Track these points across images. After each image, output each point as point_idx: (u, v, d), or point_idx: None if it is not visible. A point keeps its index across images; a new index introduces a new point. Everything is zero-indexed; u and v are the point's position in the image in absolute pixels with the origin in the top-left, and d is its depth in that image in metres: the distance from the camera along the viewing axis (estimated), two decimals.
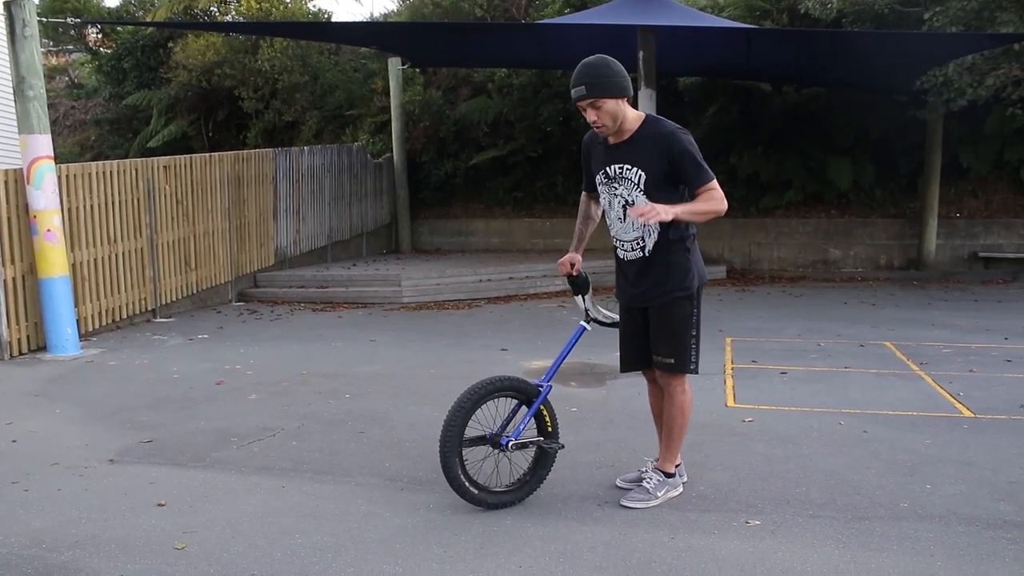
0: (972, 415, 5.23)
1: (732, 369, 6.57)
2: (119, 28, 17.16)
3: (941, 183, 12.78)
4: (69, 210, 7.97)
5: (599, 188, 3.82)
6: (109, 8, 18.33)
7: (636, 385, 6.08)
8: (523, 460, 3.93)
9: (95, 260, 8.37)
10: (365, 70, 15.92)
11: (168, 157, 9.90)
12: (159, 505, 3.89)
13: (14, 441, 4.95)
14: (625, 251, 3.80)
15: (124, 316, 8.81)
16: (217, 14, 17.35)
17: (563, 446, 3.94)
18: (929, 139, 12.62)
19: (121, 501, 3.95)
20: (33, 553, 3.39)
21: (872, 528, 3.56)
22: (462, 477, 3.66)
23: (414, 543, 3.45)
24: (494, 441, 3.76)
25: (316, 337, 8.25)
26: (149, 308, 9.22)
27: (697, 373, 3.81)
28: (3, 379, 6.62)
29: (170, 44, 16.42)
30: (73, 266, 7.94)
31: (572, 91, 3.60)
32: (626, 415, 5.31)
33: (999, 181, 13.24)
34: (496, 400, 3.78)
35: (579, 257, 3.96)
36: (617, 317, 4.01)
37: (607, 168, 3.72)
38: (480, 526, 3.60)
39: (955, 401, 5.55)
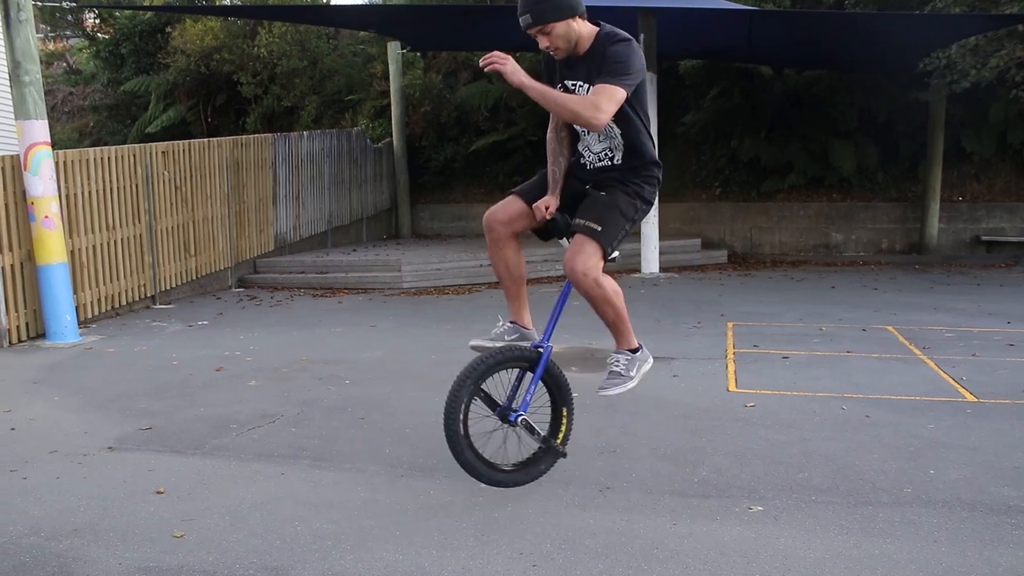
0: (975, 399, 5.21)
1: (734, 354, 6.54)
2: (117, 13, 17.05)
3: (943, 167, 12.73)
4: (67, 196, 7.93)
5: None
6: None
7: None
8: (528, 446, 3.76)
9: (94, 247, 8.33)
10: (364, 54, 15.84)
11: (167, 143, 9.85)
12: (158, 492, 3.87)
13: (13, 429, 4.93)
14: (593, 164, 3.63)
15: (123, 303, 8.79)
16: None
17: (565, 455, 3.76)
18: (932, 122, 12.56)
19: (120, 489, 3.93)
20: (32, 541, 3.37)
21: (875, 513, 3.53)
22: (470, 454, 3.50)
23: (414, 530, 3.43)
24: (503, 415, 3.62)
25: (316, 323, 8.22)
26: (148, 295, 9.20)
27: (614, 261, 3.57)
28: (2, 366, 6.60)
29: (168, 29, 16.32)
30: (71, 253, 7.90)
31: (520, 20, 3.43)
32: (628, 400, 5.26)
33: (1002, 164, 13.19)
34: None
35: (556, 200, 3.64)
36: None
37: (564, 82, 3.54)
38: (481, 513, 3.58)
39: (958, 386, 5.53)
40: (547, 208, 3.61)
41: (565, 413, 3.74)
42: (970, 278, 10.73)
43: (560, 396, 3.73)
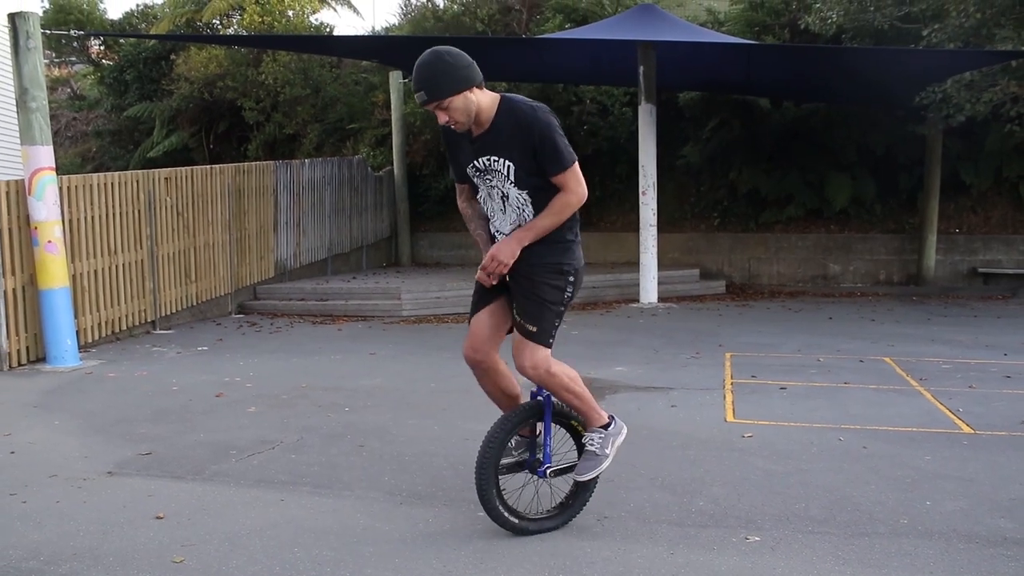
0: (972, 431, 5.23)
1: (732, 384, 6.57)
2: (122, 40, 17.23)
3: (940, 199, 12.82)
4: (70, 221, 7.99)
5: (474, 180, 3.56)
6: (112, 20, 18.42)
7: (636, 400, 6.09)
8: (564, 483, 3.81)
9: (95, 271, 8.37)
10: (366, 83, 15.98)
11: (169, 169, 9.93)
12: (157, 518, 3.88)
13: (12, 452, 4.94)
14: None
15: (124, 328, 8.81)
16: (220, 27, 17.43)
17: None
18: (928, 155, 12.67)
19: (119, 514, 3.94)
20: (31, 566, 3.38)
21: (872, 544, 3.55)
22: (504, 512, 3.56)
23: (413, 557, 3.44)
24: (531, 468, 3.68)
25: (316, 350, 8.25)
26: (149, 320, 9.22)
27: (550, 348, 3.49)
28: (2, 390, 6.61)
29: (172, 56, 16.50)
30: (73, 277, 7.94)
31: (415, 97, 3.36)
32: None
33: (998, 197, 13.28)
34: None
35: None
36: None
37: (475, 161, 3.48)
38: (479, 541, 3.59)
39: (955, 417, 5.55)
40: (484, 269, 3.46)
41: (563, 416, 3.76)
42: (967, 310, 10.78)
43: (568, 418, 3.76)
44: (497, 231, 3.59)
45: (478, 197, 3.62)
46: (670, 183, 13.72)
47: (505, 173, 3.42)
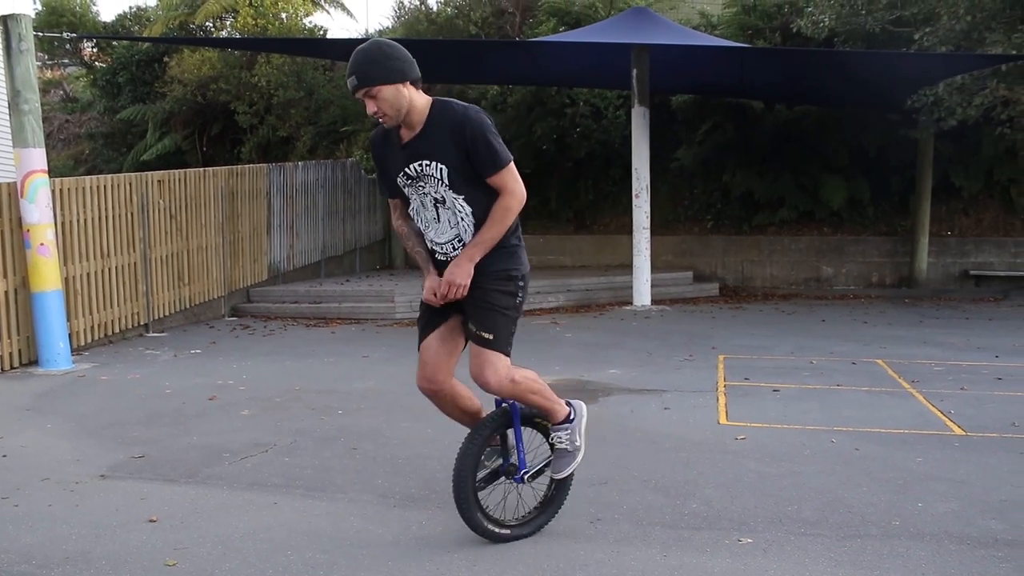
0: (963, 433, 5.25)
1: (725, 386, 6.58)
2: (115, 43, 17.19)
3: (932, 201, 12.87)
4: (63, 224, 7.97)
5: (405, 191, 3.43)
6: (105, 23, 18.36)
7: (629, 402, 6.10)
8: (542, 481, 3.78)
9: (88, 274, 8.36)
10: None
11: (162, 171, 9.92)
12: (150, 521, 3.87)
13: (4, 456, 4.92)
14: (444, 254, 3.43)
15: (116, 330, 8.79)
16: (213, 30, 17.41)
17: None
18: (920, 158, 12.72)
19: (112, 517, 3.93)
20: (23, 569, 3.37)
21: (864, 546, 3.56)
22: (487, 525, 3.54)
23: (407, 560, 3.44)
24: (507, 473, 3.65)
25: (309, 353, 8.24)
26: (142, 323, 9.21)
27: (509, 356, 3.42)
28: None
29: (165, 59, 16.46)
30: (66, 280, 7.92)
31: (347, 82, 3.30)
32: (619, 432, 5.31)
33: (989, 200, 13.34)
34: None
35: (437, 278, 3.44)
36: None
37: (406, 168, 3.36)
38: (473, 543, 3.59)
39: (947, 419, 5.57)
40: (435, 293, 3.39)
41: (530, 417, 3.69)
42: (959, 312, 10.82)
43: (533, 418, 3.70)
44: (432, 242, 3.45)
45: (410, 210, 3.48)
46: (663, 186, 13.75)
47: (439, 177, 3.30)
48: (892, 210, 13.50)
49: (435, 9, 16.19)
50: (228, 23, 17.20)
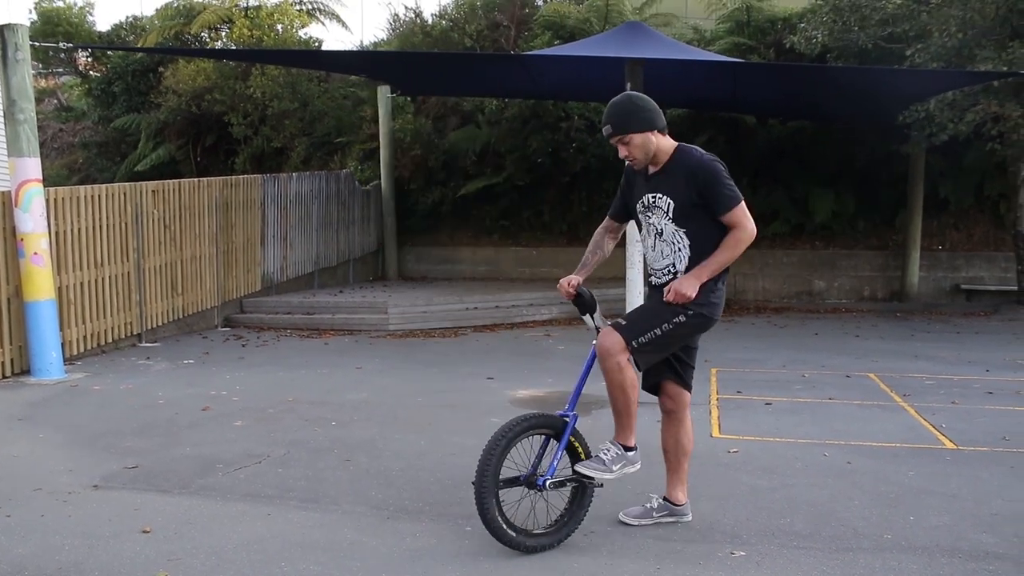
0: (955, 447, 5.28)
1: (717, 399, 6.60)
2: (110, 52, 17.21)
3: (924, 216, 12.95)
4: (56, 233, 7.96)
5: (639, 217, 3.88)
6: (100, 32, 18.37)
7: None
8: (559, 500, 3.83)
9: (81, 284, 8.34)
10: (354, 97, 16.01)
11: (156, 182, 9.90)
12: (143, 532, 3.87)
13: None
14: (658, 279, 3.85)
15: (109, 340, 8.77)
16: (209, 40, 17.44)
17: (602, 484, 3.82)
18: (912, 173, 12.81)
19: (105, 527, 3.92)
20: None
21: (856, 559, 3.58)
22: (499, 520, 3.55)
23: (400, 572, 3.45)
24: (529, 482, 3.67)
25: (302, 364, 8.23)
26: (135, 332, 9.19)
27: (636, 357, 3.71)
28: None
29: (160, 69, 16.47)
30: (59, 289, 7.91)
31: (603, 130, 3.72)
32: None
33: (980, 214, 13.43)
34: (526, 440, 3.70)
35: (579, 279, 3.91)
36: None
37: (644, 198, 3.81)
38: (466, 555, 3.60)
39: (938, 433, 5.60)
40: (569, 284, 3.85)
41: (574, 438, 3.80)
42: (950, 326, 10.87)
43: (577, 444, 3.80)
44: (650, 267, 3.92)
45: (640, 236, 3.95)
46: None
47: (665, 209, 3.72)
48: (883, 224, 13.57)
49: (430, 22, 16.25)
50: (224, 34, 17.22)
